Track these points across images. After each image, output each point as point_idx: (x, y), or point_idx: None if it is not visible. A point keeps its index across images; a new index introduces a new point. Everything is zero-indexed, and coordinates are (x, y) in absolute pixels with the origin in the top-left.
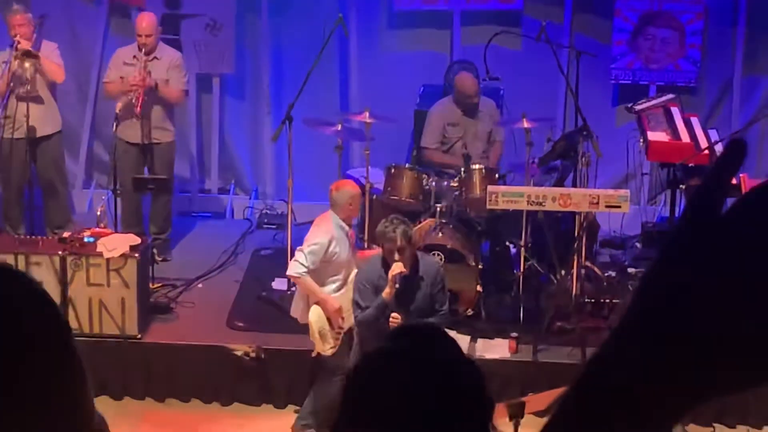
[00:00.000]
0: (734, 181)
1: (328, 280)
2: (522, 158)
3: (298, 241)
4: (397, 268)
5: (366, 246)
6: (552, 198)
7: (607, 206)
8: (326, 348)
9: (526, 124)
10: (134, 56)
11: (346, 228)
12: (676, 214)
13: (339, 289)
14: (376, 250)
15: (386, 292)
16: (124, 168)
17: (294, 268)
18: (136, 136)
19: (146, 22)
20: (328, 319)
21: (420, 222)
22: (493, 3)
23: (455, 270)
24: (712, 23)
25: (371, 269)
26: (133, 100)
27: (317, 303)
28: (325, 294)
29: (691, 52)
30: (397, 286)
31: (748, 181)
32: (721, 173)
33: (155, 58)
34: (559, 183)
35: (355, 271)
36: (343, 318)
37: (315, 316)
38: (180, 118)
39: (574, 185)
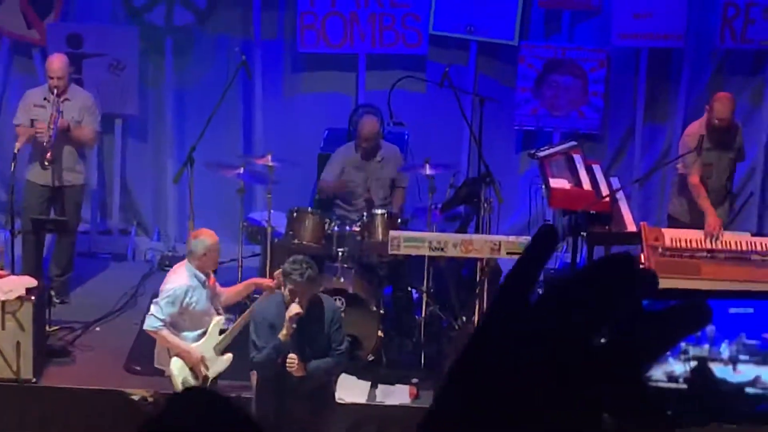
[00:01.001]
0: (634, 229)
1: (186, 330)
2: (425, 203)
3: None
4: (294, 309)
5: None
6: (453, 244)
7: (508, 253)
8: None
9: (429, 170)
10: (45, 98)
11: (203, 277)
12: (579, 261)
13: (200, 337)
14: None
15: (283, 333)
16: (31, 209)
17: (150, 323)
18: (47, 178)
19: (57, 63)
20: (192, 369)
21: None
22: (398, 47)
23: (357, 315)
24: (615, 71)
25: (269, 307)
26: (45, 143)
27: (178, 354)
28: (186, 345)
29: (594, 99)
30: (294, 326)
31: (647, 230)
32: (532, 260)
33: (67, 99)
34: (462, 229)
35: (217, 318)
36: (206, 366)
37: (176, 368)
38: None
39: (477, 231)
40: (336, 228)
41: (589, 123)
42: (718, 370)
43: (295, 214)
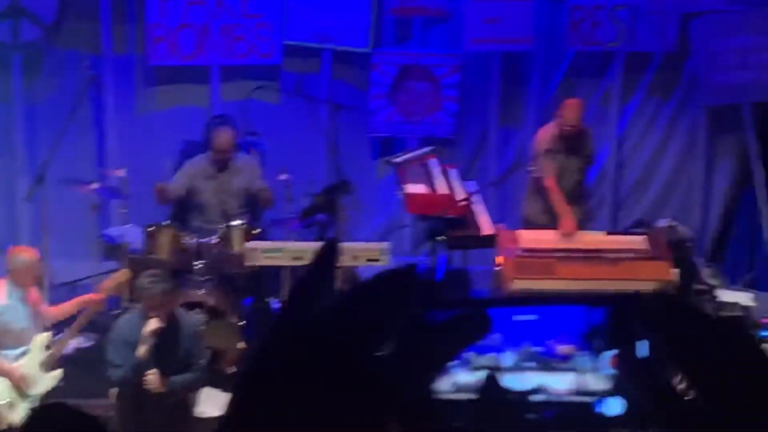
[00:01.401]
0: (491, 232)
1: (7, 348)
2: (282, 213)
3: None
4: (152, 325)
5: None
6: (311, 252)
7: (367, 260)
8: (15, 418)
9: (285, 179)
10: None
11: (21, 294)
12: (438, 265)
13: (23, 355)
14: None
15: (141, 350)
16: None
17: None
18: None
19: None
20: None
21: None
22: (251, 57)
23: (217, 327)
24: (468, 76)
25: (125, 325)
26: None
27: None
28: (7, 365)
29: (448, 104)
30: (153, 343)
31: (504, 233)
32: (316, 273)
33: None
34: (321, 237)
35: (41, 335)
36: (30, 385)
37: (1, 389)
38: None
39: (336, 239)
40: (193, 241)
41: (443, 128)
42: (504, 378)
43: (151, 229)
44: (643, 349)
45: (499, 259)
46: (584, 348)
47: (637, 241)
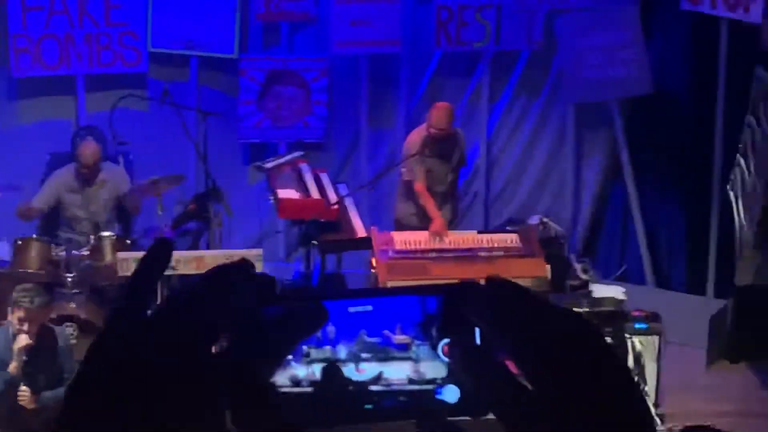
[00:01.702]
0: (365, 234)
1: None
2: (154, 222)
3: None
4: (23, 340)
5: None
6: (185, 261)
7: None
8: None
9: (156, 188)
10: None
11: None
12: (313, 270)
13: None
14: None
15: (12, 366)
16: None
17: None
18: None
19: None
20: None
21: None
22: (117, 66)
23: (90, 341)
24: (336, 80)
25: None
26: None
27: None
28: None
29: (318, 108)
30: (24, 359)
31: (377, 235)
32: (146, 273)
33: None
34: (194, 245)
35: None
36: None
37: None
38: None
39: (208, 247)
40: (63, 253)
41: (314, 132)
42: (342, 370)
43: (19, 243)
44: (474, 337)
45: (373, 262)
46: (421, 337)
47: (509, 239)
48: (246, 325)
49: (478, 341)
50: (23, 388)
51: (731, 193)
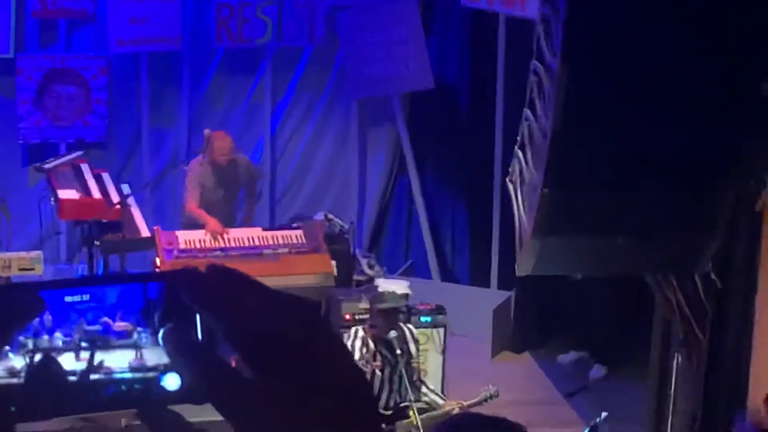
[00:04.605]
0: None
1: None
2: None
3: None
4: None
5: None
6: None
7: (20, 269)
8: None
9: None
10: None
11: None
12: (96, 270)
13: None
14: None
15: None
16: None
17: None
18: None
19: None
20: None
21: None
22: None
23: None
24: (117, 78)
25: None
26: None
27: None
28: None
29: (98, 107)
30: None
31: (161, 234)
32: None
33: None
34: None
35: None
36: None
37: None
38: None
39: None
40: None
41: (94, 131)
42: (61, 360)
43: None
44: (194, 325)
45: (158, 261)
46: (143, 324)
47: (293, 236)
48: None
49: (198, 329)
50: None
51: (510, 186)
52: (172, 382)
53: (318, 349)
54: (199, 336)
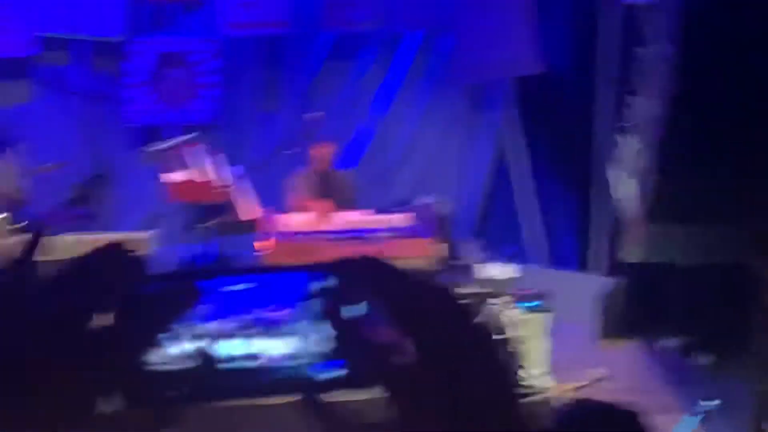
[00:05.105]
0: (257, 216)
1: None
2: (45, 207)
3: None
4: None
5: None
6: (73, 244)
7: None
8: None
9: (45, 172)
10: None
11: None
12: (204, 252)
13: None
14: None
15: None
16: None
17: None
18: None
19: None
20: None
21: None
22: (1, 51)
23: None
24: (227, 61)
25: None
26: None
27: None
28: None
29: (209, 90)
30: None
31: (268, 217)
32: (25, 256)
33: None
34: (84, 229)
35: None
36: None
37: None
38: None
39: (98, 231)
40: None
41: (204, 114)
42: (219, 347)
43: None
44: (361, 311)
45: (264, 244)
46: (300, 313)
47: (399, 220)
48: (119, 305)
49: (364, 315)
50: None
51: (617, 172)
52: (330, 370)
53: (472, 331)
54: (365, 320)
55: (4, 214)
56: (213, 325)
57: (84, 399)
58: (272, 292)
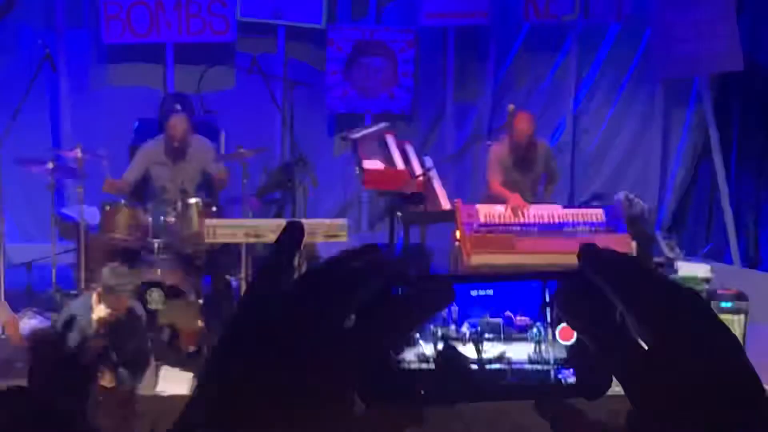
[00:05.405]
0: (449, 207)
1: None
2: (240, 191)
3: (12, 284)
4: (102, 311)
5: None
6: (270, 230)
7: (325, 236)
8: None
9: (242, 157)
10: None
11: None
12: (396, 241)
13: None
14: None
15: (94, 341)
16: None
17: None
18: None
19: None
20: None
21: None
22: (205, 35)
23: (176, 306)
24: (423, 51)
25: (83, 309)
26: None
27: None
28: None
29: (404, 80)
30: (102, 332)
31: (461, 207)
32: (283, 252)
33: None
34: (278, 214)
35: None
36: None
37: None
38: None
39: (293, 216)
40: (150, 219)
41: (400, 103)
42: (464, 349)
43: (108, 208)
44: (606, 313)
45: (457, 234)
46: (540, 319)
47: (593, 214)
48: (376, 302)
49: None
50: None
51: None
52: (567, 376)
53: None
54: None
55: (196, 199)
56: (460, 327)
57: (336, 395)
58: (514, 298)
